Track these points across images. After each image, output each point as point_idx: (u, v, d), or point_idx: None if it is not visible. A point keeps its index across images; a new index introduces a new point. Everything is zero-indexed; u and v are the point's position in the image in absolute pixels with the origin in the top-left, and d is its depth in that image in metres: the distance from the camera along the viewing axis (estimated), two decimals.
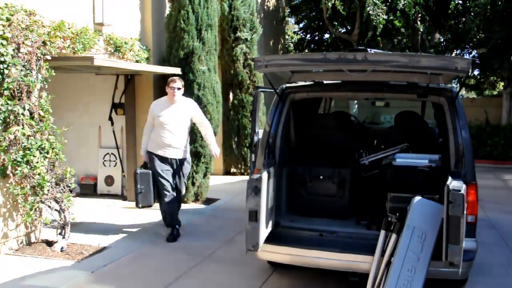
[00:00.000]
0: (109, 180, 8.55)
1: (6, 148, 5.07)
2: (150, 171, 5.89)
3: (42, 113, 5.37)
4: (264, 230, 3.83)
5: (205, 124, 6.14)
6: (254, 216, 3.58)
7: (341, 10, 14.28)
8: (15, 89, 5.07)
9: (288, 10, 18.15)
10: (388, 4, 14.41)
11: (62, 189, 5.48)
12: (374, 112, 9.54)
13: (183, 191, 6.29)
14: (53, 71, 5.54)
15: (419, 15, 15.41)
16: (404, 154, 4.69)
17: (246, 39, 10.56)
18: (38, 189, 5.29)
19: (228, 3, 10.37)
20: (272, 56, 5.53)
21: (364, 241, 4.02)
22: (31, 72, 5.24)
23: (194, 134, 7.79)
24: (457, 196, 3.27)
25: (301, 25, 20.11)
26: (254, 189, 3.55)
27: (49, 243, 5.52)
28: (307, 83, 4.62)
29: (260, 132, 4.90)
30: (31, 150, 5.19)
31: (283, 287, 4.56)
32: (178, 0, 7.68)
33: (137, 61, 7.52)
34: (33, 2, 5.42)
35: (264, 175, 3.70)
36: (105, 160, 8.59)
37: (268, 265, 4.87)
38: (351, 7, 14.63)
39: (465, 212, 3.32)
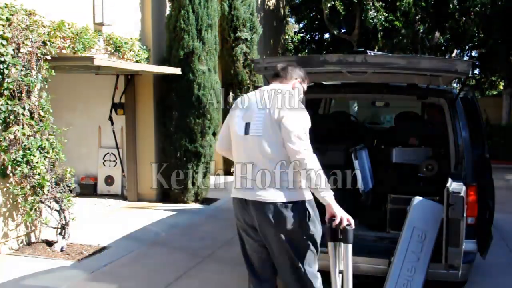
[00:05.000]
0: (109, 180, 8.55)
1: (6, 148, 5.07)
2: None
3: (42, 113, 5.37)
4: None
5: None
6: None
7: (341, 11, 14.29)
8: (15, 89, 5.07)
9: (288, 10, 18.15)
10: (388, 4, 14.42)
11: (62, 189, 5.48)
12: (374, 112, 9.54)
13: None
14: (53, 71, 5.54)
15: (419, 15, 15.41)
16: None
17: (246, 39, 10.56)
18: (38, 189, 5.29)
19: (228, 3, 10.37)
20: (272, 58, 5.53)
21: (364, 242, 4.02)
22: (31, 72, 5.24)
23: (194, 134, 7.81)
24: (457, 198, 3.28)
25: (301, 25, 20.13)
26: None
27: (49, 243, 5.52)
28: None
29: None
30: (31, 150, 5.20)
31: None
32: (178, 0, 7.69)
33: (137, 61, 7.52)
34: (33, 2, 5.41)
35: None
36: (105, 160, 8.59)
37: None
38: (352, 9, 14.66)
39: (465, 214, 3.32)
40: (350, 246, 2.81)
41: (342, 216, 2.76)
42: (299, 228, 2.85)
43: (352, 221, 2.79)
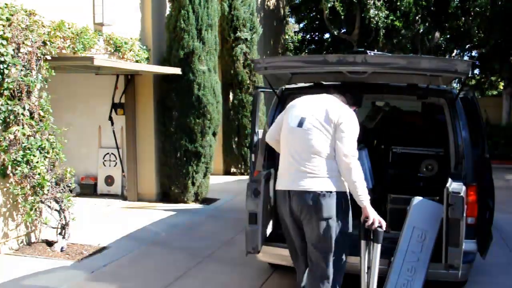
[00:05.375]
0: (109, 180, 8.56)
1: (6, 148, 5.07)
2: None
3: (42, 113, 5.38)
4: (264, 232, 3.83)
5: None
6: (254, 218, 3.57)
7: (340, 12, 14.28)
8: (15, 89, 5.07)
9: (288, 10, 18.15)
10: (388, 4, 14.42)
11: (62, 189, 5.49)
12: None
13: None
14: (53, 71, 5.54)
15: (419, 15, 15.41)
16: None
17: (246, 39, 10.57)
18: (38, 189, 5.30)
19: (228, 3, 10.38)
20: (272, 58, 5.51)
21: None
22: (31, 72, 5.24)
23: (194, 134, 7.81)
24: (457, 198, 3.27)
25: (301, 25, 20.13)
26: (254, 191, 3.55)
27: (49, 243, 5.52)
28: (307, 84, 4.61)
29: (260, 132, 4.89)
30: (31, 150, 5.20)
31: (283, 287, 4.57)
32: (178, 0, 7.69)
33: (137, 61, 7.52)
34: (33, 2, 5.42)
35: (264, 177, 3.69)
36: (105, 160, 8.60)
37: (268, 265, 4.87)
38: (352, 9, 14.65)
39: (465, 214, 3.31)
40: (379, 245, 3.18)
41: (375, 218, 3.14)
42: (335, 216, 3.17)
43: (383, 223, 3.17)
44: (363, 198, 3.13)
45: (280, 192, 3.35)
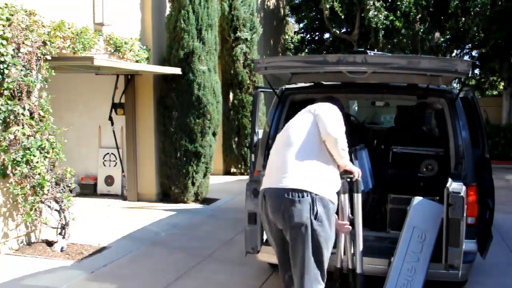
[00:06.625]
0: (109, 180, 8.56)
1: (6, 148, 5.07)
2: None
3: (42, 113, 5.38)
4: (264, 232, 3.83)
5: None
6: (253, 218, 3.58)
7: (339, 12, 14.29)
8: (15, 89, 5.07)
9: (288, 10, 18.15)
10: (388, 4, 14.42)
11: (62, 189, 5.49)
12: (374, 112, 9.54)
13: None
14: (53, 71, 5.54)
15: (419, 15, 15.39)
16: None
17: (246, 39, 10.57)
18: (38, 189, 5.30)
19: (228, 3, 10.38)
20: (272, 58, 5.52)
21: (364, 243, 4.01)
22: (31, 72, 5.24)
23: (194, 134, 7.81)
24: (457, 198, 3.27)
25: (301, 25, 20.13)
26: (253, 191, 3.55)
27: (49, 243, 5.52)
28: (307, 84, 4.62)
29: (260, 132, 4.90)
30: (31, 150, 5.20)
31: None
32: (178, 0, 7.69)
33: (137, 61, 7.52)
34: (33, 2, 5.42)
35: (263, 177, 3.69)
36: (105, 160, 8.60)
37: (268, 265, 4.87)
38: (353, 9, 14.64)
39: (465, 214, 3.32)
40: (359, 195, 3.34)
41: (359, 172, 3.28)
42: (308, 220, 2.95)
43: (361, 173, 3.32)
44: (347, 160, 3.15)
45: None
